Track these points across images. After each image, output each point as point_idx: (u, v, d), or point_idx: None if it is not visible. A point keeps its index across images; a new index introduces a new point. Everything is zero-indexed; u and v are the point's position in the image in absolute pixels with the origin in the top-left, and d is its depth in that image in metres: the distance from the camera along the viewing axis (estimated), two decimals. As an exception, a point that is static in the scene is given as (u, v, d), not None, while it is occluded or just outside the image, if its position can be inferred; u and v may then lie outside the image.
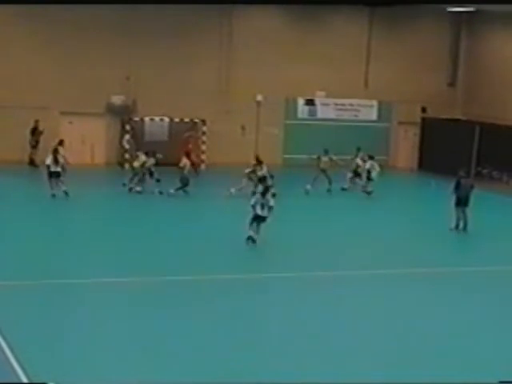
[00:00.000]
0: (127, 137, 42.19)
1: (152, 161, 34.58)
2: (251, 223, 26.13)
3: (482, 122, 43.68)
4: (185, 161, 35.40)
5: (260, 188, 27.75)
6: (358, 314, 20.96)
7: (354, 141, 42.92)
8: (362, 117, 46.99)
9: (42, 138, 39.68)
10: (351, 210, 34.59)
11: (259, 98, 44.17)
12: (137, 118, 42.48)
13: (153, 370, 16.36)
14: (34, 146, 39.82)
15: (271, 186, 27.67)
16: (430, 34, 46.97)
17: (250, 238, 26.05)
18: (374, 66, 45.94)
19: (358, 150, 38.12)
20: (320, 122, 45.91)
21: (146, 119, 42.68)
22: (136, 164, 34.53)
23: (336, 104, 46.42)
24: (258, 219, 26.07)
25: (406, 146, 47.51)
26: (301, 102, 45.91)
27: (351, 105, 46.72)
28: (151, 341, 17.94)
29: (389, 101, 46.70)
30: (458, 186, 29.77)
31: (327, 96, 46.09)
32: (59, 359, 16.60)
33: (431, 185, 39.35)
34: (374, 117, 47.15)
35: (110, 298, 21.19)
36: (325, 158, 37.42)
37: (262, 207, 26.00)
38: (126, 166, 41.10)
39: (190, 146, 39.93)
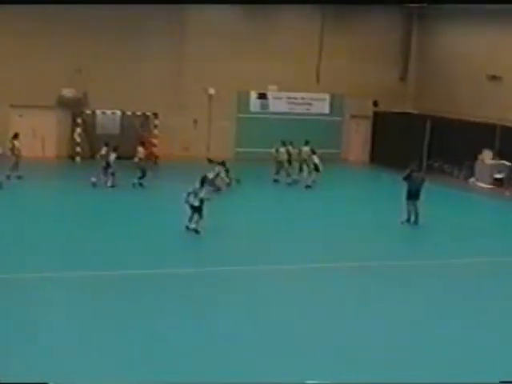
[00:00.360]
0: (78, 130, 42.17)
1: (113, 155, 34.55)
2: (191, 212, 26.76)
3: (433, 116, 44.38)
4: (141, 150, 35.71)
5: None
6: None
7: (307, 134, 43.19)
8: (314, 110, 47.19)
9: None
10: (299, 202, 34.53)
11: (211, 91, 44.22)
12: (88, 111, 42.31)
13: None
14: None
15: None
16: (382, 28, 47.36)
17: (188, 229, 26.59)
18: (326, 60, 45.83)
19: (307, 143, 38.01)
20: (272, 116, 46.11)
21: (98, 112, 42.47)
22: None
23: (288, 98, 46.59)
24: (192, 209, 26.56)
25: (357, 140, 47.81)
26: (253, 95, 46.06)
27: (303, 98, 46.93)
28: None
29: (341, 94, 47.04)
30: (409, 179, 29.84)
31: (279, 90, 46.25)
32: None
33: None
34: (327, 110, 47.42)
35: (58, 293, 20.79)
36: (282, 150, 37.62)
37: (195, 195, 26.30)
38: (77, 159, 41.10)
39: (146, 136, 40.52)
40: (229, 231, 27.96)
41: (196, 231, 26.40)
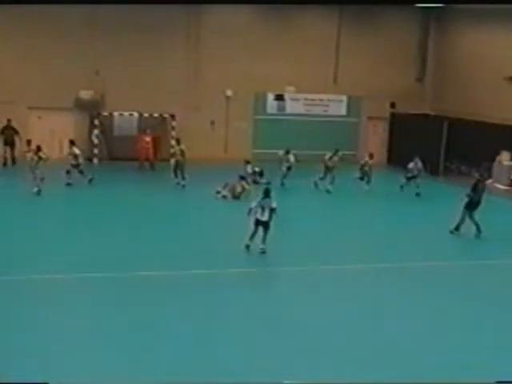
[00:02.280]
0: (96, 132, 42.09)
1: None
2: (254, 229, 24.06)
3: (450, 117, 43.96)
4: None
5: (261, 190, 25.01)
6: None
7: (323, 136, 44.60)
8: (331, 112, 47.05)
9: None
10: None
11: (229, 93, 44.28)
12: (106, 113, 42.35)
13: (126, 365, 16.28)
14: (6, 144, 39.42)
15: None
16: (399, 30, 47.30)
17: (247, 246, 23.99)
18: (344, 62, 45.88)
19: (337, 151, 37.78)
20: (289, 117, 46.16)
21: (115, 114, 42.60)
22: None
23: (305, 99, 46.49)
24: (260, 225, 23.95)
25: (374, 141, 47.39)
26: (270, 97, 46.06)
27: (321, 100, 46.71)
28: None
29: (358, 96, 46.85)
30: (474, 190, 28.82)
31: (297, 91, 46.19)
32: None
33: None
34: (344, 112, 47.26)
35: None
36: (335, 158, 37.16)
37: (263, 210, 23.76)
38: (95, 160, 41.13)
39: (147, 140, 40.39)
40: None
41: (263, 251, 23.82)
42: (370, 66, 46.10)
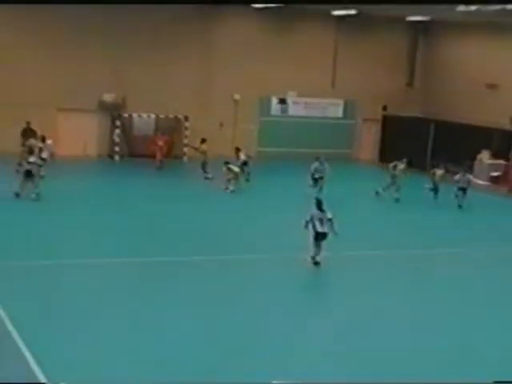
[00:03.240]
0: (117, 131, 42.80)
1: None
2: (315, 242, 22.81)
3: (436, 120, 45.35)
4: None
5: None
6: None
7: (322, 136, 45.91)
8: (329, 114, 47.86)
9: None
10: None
11: (236, 96, 44.90)
12: (126, 115, 43.07)
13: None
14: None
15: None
16: (391, 40, 47.99)
17: (313, 259, 22.93)
18: (340, 69, 46.72)
19: (408, 162, 37.54)
20: (291, 119, 46.83)
21: (135, 115, 43.34)
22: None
23: (306, 102, 47.21)
24: (320, 237, 22.65)
25: (368, 141, 48.55)
26: (274, 100, 46.67)
27: (319, 103, 47.52)
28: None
29: (353, 100, 47.68)
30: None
31: (298, 95, 46.90)
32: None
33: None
34: (340, 114, 48.15)
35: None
36: (401, 167, 36.45)
37: (321, 223, 22.51)
38: (116, 157, 42.29)
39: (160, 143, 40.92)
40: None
41: (317, 263, 22.86)
42: (364, 72, 46.72)
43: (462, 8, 31.84)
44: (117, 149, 42.91)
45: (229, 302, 20.24)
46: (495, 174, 41.31)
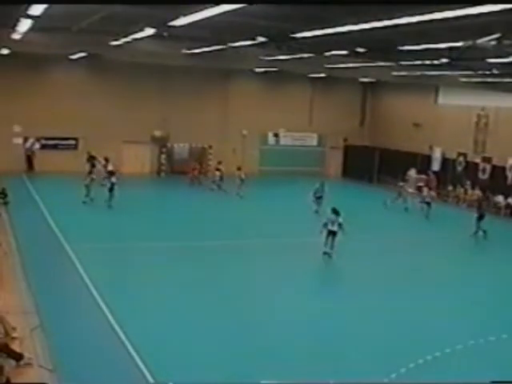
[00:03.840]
0: (163, 156, 43.91)
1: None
2: (327, 238, 22.62)
3: (380, 148, 46.15)
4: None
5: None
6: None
7: (303, 158, 46.41)
8: (307, 143, 48.26)
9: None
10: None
11: (244, 132, 45.67)
12: (169, 144, 43.85)
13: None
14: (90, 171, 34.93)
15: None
16: (349, 93, 48.25)
17: (326, 254, 22.72)
18: (315, 112, 47.51)
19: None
20: (282, 147, 47.20)
21: (175, 145, 44.14)
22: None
23: (292, 135, 47.75)
24: (331, 234, 22.46)
25: (334, 162, 48.87)
26: (270, 134, 47.28)
27: (301, 136, 48.00)
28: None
29: (324, 133, 48.14)
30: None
31: (286, 131, 47.44)
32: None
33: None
34: (315, 143, 48.52)
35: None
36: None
37: (332, 224, 22.35)
38: (162, 174, 42.95)
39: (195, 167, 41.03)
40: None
41: (330, 255, 22.55)
42: (331, 115, 47.40)
43: (395, 73, 30.95)
44: (163, 168, 43.77)
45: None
46: (420, 184, 41.08)
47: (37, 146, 41.60)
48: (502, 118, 37.38)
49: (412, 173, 43.20)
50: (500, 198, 36.72)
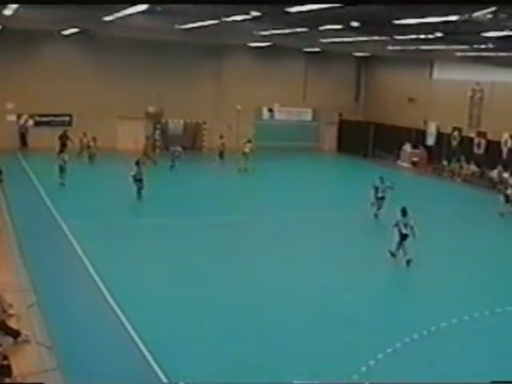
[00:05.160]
0: (157, 132, 43.54)
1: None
2: (400, 242, 20.15)
3: (375, 122, 46.25)
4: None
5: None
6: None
7: (297, 133, 46.47)
8: (302, 118, 48.28)
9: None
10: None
11: (239, 107, 45.08)
12: (163, 120, 43.53)
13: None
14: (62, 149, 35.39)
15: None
16: (343, 68, 48.23)
17: (408, 261, 19.85)
18: (309, 87, 47.33)
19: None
20: (277, 122, 47.25)
21: (169, 120, 43.96)
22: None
23: (286, 110, 47.72)
24: (403, 238, 19.99)
25: (329, 137, 48.93)
26: (264, 109, 47.33)
27: (295, 111, 47.96)
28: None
29: (319, 108, 48.16)
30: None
31: (281, 105, 47.43)
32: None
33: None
34: (310, 118, 48.54)
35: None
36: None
37: (405, 226, 19.97)
38: (157, 150, 42.04)
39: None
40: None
41: (409, 262, 19.79)
42: (326, 90, 47.20)
43: (390, 47, 31.16)
44: (157, 143, 43.32)
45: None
46: (414, 159, 42.19)
47: (30, 122, 41.63)
48: (497, 92, 37.32)
49: (407, 147, 43.34)
50: (495, 173, 36.73)
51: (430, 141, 42.25)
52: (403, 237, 20.00)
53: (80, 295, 16.30)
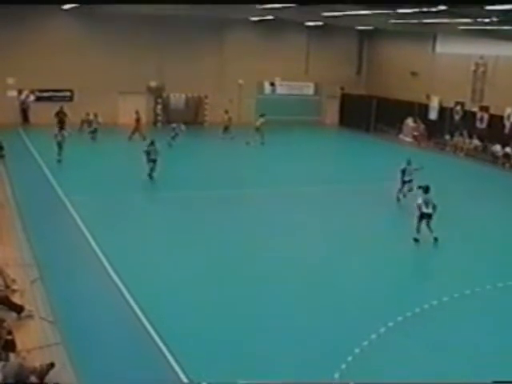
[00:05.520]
0: (159, 106, 43.63)
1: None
2: (419, 222, 19.22)
3: (377, 96, 46.02)
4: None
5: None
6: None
7: (299, 107, 46.22)
8: (304, 92, 47.95)
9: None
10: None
11: (240, 81, 45.20)
12: (165, 95, 43.57)
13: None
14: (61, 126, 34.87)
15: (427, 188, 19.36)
16: (345, 42, 47.92)
17: (415, 240, 19.26)
18: (311, 61, 46.90)
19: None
20: (278, 96, 46.88)
21: (171, 95, 43.89)
22: None
23: (288, 84, 47.40)
24: (425, 217, 19.11)
25: (331, 111, 48.68)
26: (266, 83, 47.02)
27: (297, 85, 47.60)
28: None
29: (320, 82, 47.77)
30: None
31: (282, 80, 47.10)
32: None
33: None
34: (312, 92, 48.20)
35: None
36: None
37: (426, 205, 18.99)
38: (158, 124, 42.62)
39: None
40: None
41: (436, 239, 19.17)
42: (328, 64, 46.79)
43: (392, 21, 31.03)
44: (159, 118, 43.60)
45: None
46: (416, 133, 42.15)
47: (31, 98, 41.49)
48: (501, 66, 37.06)
49: (409, 122, 43.25)
50: (497, 148, 36.68)
51: (433, 115, 42.02)
52: (423, 215, 19.09)
53: (83, 270, 16.36)
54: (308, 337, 13.19)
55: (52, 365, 10.76)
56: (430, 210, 18.97)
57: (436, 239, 19.12)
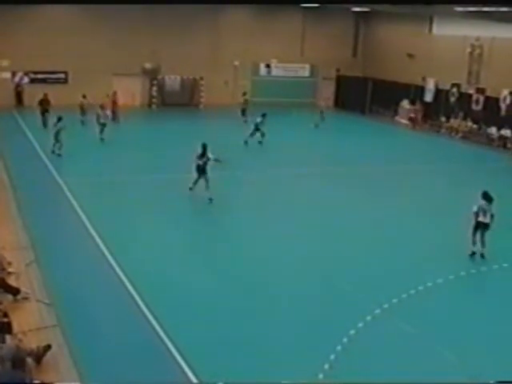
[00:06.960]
0: (154, 88, 43.53)
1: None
2: (474, 233, 17.03)
3: (373, 78, 46.00)
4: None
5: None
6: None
7: (295, 89, 46.16)
8: (299, 74, 47.90)
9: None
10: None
11: (236, 63, 45.21)
12: (160, 76, 43.50)
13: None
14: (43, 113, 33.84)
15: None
16: (341, 23, 47.64)
17: (474, 253, 17.09)
18: (307, 43, 46.95)
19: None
20: (274, 78, 46.82)
21: (166, 77, 43.77)
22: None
23: (284, 66, 47.31)
24: (481, 227, 16.96)
25: (326, 93, 47.89)
26: (262, 65, 46.90)
27: (293, 67, 47.51)
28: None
29: (316, 64, 47.67)
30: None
31: (278, 61, 47.01)
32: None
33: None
34: (307, 74, 48.15)
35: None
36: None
37: (484, 214, 16.85)
38: (153, 106, 42.74)
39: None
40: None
41: (483, 256, 16.97)
42: (323, 45, 46.73)
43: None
44: (154, 100, 43.55)
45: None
46: (412, 115, 42.09)
47: (25, 80, 41.28)
48: (497, 48, 36.91)
49: (405, 104, 43.22)
50: (493, 130, 36.68)
51: (429, 97, 41.90)
52: (479, 224, 16.95)
53: (78, 252, 16.36)
54: (304, 318, 13.25)
55: (49, 346, 10.87)
56: (487, 220, 16.94)
57: (483, 256, 17.04)
